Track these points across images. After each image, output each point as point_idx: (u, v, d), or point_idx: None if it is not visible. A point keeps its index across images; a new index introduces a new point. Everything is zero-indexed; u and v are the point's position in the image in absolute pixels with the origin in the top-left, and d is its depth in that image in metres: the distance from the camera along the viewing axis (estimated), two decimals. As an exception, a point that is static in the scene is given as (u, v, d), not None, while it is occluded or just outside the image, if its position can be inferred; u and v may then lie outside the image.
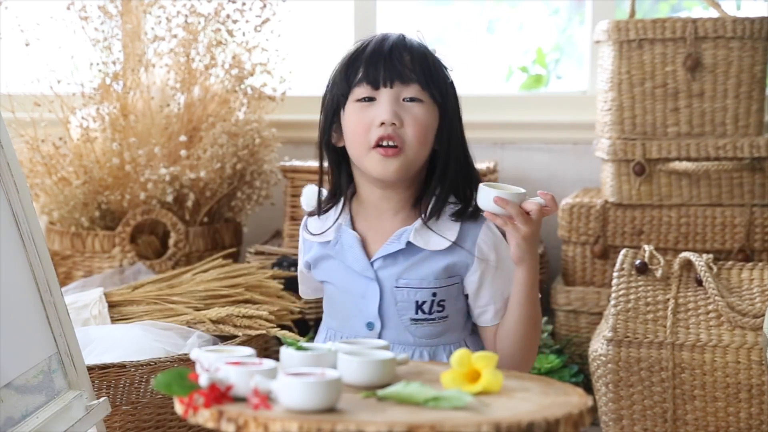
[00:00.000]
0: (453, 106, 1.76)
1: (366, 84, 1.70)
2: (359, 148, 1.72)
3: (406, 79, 1.70)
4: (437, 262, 1.73)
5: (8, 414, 1.59)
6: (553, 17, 3.56)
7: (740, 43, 2.75)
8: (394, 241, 1.74)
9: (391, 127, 1.69)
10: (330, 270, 1.80)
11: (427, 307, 1.74)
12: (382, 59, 1.69)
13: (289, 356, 1.36)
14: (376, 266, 1.75)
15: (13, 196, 1.72)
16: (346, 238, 1.77)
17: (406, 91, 1.70)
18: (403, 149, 1.70)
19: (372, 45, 1.72)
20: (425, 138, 1.71)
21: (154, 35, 2.90)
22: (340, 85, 1.73)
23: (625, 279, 2.42)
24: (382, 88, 1.70)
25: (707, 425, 2.33)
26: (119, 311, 2.45)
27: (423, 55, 1.72)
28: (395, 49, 1.70)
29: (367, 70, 1.70)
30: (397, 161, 1.70)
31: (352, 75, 1.71)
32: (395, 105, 1.69)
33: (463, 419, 1.18)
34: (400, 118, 1.69)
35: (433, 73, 1.72)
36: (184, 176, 2.86)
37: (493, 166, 3.02)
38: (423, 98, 1.71)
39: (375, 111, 1.70)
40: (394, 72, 1.69)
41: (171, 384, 1.26)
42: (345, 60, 1.74)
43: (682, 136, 2.79)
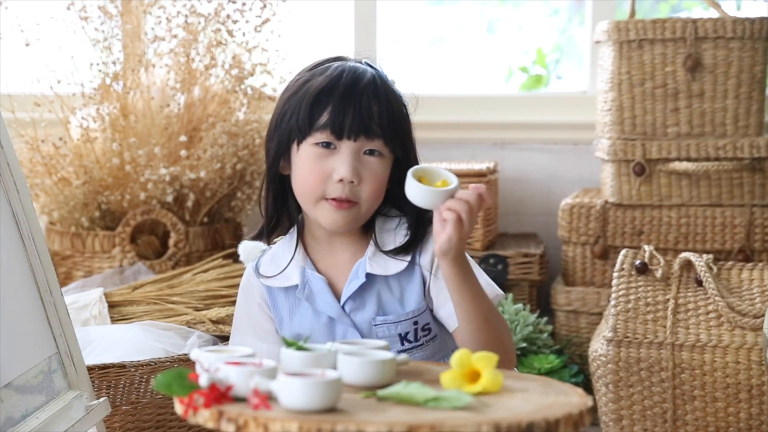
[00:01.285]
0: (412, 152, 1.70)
1: (330, 132, 1.62)
2: (310, 196, 1.65)
3: (372, 134, 1.63)
4: (408, 287, 1.68)
5: (8, 414, 1.59)
6: (553, 18, 3.56)
7: (740, 43, 2.75)
8: (354, 278, 1.68)
9: (348, 185, 1.62)
10: (305, 320, 1.71)
11: (412, 336, 1.68)
12: (351, 109, 1.61)
13: (289, 356, 1.36)
14: (348, 309, 1.69)
15: (13, 196, 1.72)
16: (313, 281, 1.70)
17: (369, 145, 1.64)
18: (357, 204, 1.64)
19: (342, 87, 1.63)
20: (381, 192, 1.66)
21: (154, 35, 2.90)
22: (301, 121, 1.64)
23: (625, 279, 2.42)
24: (346, 140, 1.62)
25: (707, 425, 2.33)
26: (119, 311, 2.45)
27: (389, 106, 1.65)
28: (365, 99, 1.62)
29: (333, 117, 1.62)
30: (349, 214, 1.64)
31: (316, 116, 1.63)
32: (355, 160, 1.62)
33: (463, 419, 1.18)
34: (359, 174, 1.63)
35: (397, 127, 1.65)
36: (184, 176, 2.86)
37: (493, 166, 3.02)
38: (383, 152, 1.64)
39: (334, 163, 1.62)
40: (361, 126, 1.62)
41: (171, 384, 1.26)
42: (311, 95, 1.64)
43: (682, 137, 2.79)
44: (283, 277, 1.72)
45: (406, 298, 1.68)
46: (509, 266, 2.93)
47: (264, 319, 1.76)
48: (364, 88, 1.63)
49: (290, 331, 1.73)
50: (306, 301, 1.70)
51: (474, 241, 2.94)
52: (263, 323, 1.76)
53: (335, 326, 1.69)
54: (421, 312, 1.68)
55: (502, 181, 3.21)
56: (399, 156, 1.67)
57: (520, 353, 2.73)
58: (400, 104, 1.69)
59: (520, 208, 3.28)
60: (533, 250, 2.96)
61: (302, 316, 1.72)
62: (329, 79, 1.64)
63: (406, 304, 1.68)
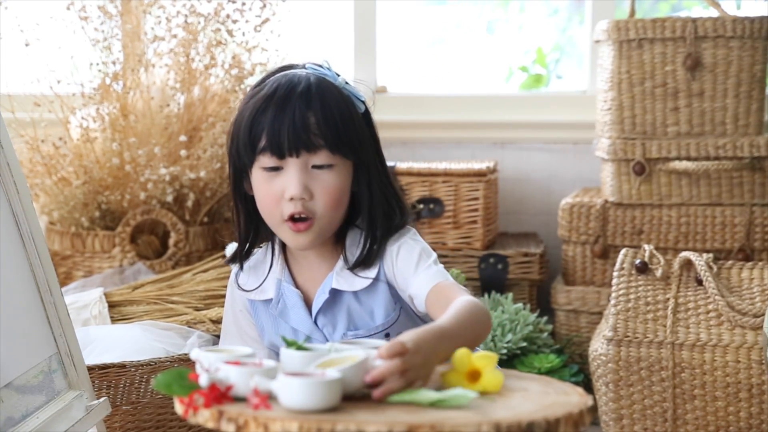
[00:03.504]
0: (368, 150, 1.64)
1: (270, 154, 1.57)
2: (271, 220, 1.63)
3: (313, 147, 1.57)
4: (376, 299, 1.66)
5: (8, 414, 1.59)
6: (553, 17, 3.56)
7: (740, 42, 2.75)
8: (321, 294, 1.65)
9: (300, 201, 1.58)
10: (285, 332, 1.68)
11: None
12: (284, 127, 1.56)
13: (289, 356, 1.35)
14: (320, 324, 1.67)
15: (13, 196, 1.72)
16: (288, 295, 1.68)
17: (315, 159, 1.58)
18: (314, 220, 1.60)
19: (274, 105, 1.57)
20: (339, 202, 1.61)
21: (154, 35, 2.90)
22: (243, 149, 1.60)
23: (625, 278, 2.42)
24: (288, 158, 1.58)
25: (707, 425, 2.33)
26: (119, 311, 2.45)
27: (328, 112, 1.58)
28: (298, 113, 1.56)
29: (270, 139, 1.57)
30: (309, 234, 1.61)
31: (256, 140, 1.58)
32: (303, 176, 1.58)
33: (463, 419, 1.18)
34: (310, 190, 1.59)
35: (341, 132, 1.58)
36: (184, 176, 2.86)
37: (493, 166, 3.02)
38: (333, 161, 1.59)
39: (283, 182, 1.58)
40: (299, 141, 1.56)
41: (171, 384, 1.26)
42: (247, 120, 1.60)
43: (682, 136, 2.79)
44: (261, 291, 1.71)
45: (375, 312, 1.65)
46: (509, 266, 2.93)
47: (248, 325, 1.75)
48: (297, 100, 1.57)
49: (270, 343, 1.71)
50: (279, 317, 1.68)
51: (474, 241, 2.95)
52: (248, 329, 1.75)
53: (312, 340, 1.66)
54: (392, 323, 1.65)
55: (502, 181, 3.21)
56: (356, 160, 1.63)
57: (521, 353, 2.73)
58: (345, 107, 1.61)
59: (520, 207, 3.28)
60: (533, 250, 2.96)
61: (282, 329, 1.70)
62: (262, 99, 1.60)
63: (376, 318, 1.65)
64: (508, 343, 2.71)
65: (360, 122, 1.63)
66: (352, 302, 1.66)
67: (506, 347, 2.70)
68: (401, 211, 1.68)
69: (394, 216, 1.66)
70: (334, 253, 1.68)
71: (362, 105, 1.66)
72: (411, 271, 1.62)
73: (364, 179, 1.64)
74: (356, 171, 1.63)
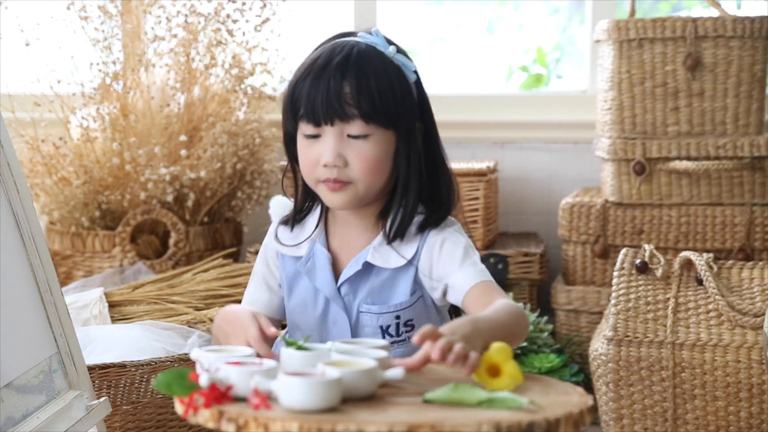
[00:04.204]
0: (410, 120, 1.65)
1: (308, 122, 1.61)
2: (310, 181, 1.66)
3: (347, 117, 1.59)
4: (399, 281, 1.67)
5: (9, 414, 1.59)
6: (553, 17, 3.56)
7: (740, 42, 2.75)
8: (354, 264, 1.67)
9: (334, 169, 1.61)
10: (301, 293, 1.71)
11: (393, 330, 1.67)
12: (319, 96, 1.59)
13: (289, 356, 1.35)
14: (343, 291, 1.68)
15: (14, 196, 1.72)
16: (318, 256, 1.70)
17: (349, 128, 1.60)
18: (350, 184, 1.62)
19: (312, 74, 1.60)
20: (376, 171, 1.62)
21: (154, 35, 2.90)
22: (287, 116, 1.65)
23: (625, 278, 2.42)
24: (324, 126, 1.60)
25: (707, 424, 2.33)
26: (119, 311, 2.45)
27: (365, 82, 1.59)
28: (333, 83, 1.58)
29: (306, 108, 1.60)
30: (345, 194, 1.63)
31: (296, 108, 1.62)
32: (339, 144, 1.60)
33: (463, 419, 1.18)
34: (344, 158, 1.61)
35: (377, 102, 1.60)
36: (184, 176, 2.86)
37: (493, 166, 3.02)
38: (369, 131, 1.60)
39: (319, 149, 1.61)
40: (332, 111, 1.59)
41: (171, 384, 1.26)
42: (291, 83, 1.64)
43: (682, 136, 2.79)
44: (295, 247, 1.73)
45: (396, 292, 1.67)
46: (509, 265, 2.93)
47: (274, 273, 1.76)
48: (333, 69, 1.60)
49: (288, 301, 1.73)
50: (305, 274, 1.70)
51: (474, 241, 2.93)
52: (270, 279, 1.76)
53: (329, 306, 1.69)
54: (405, 308, 1.67)
55: (502, 181, 3.21)
56: (398, 129, 1.64)
57: (521, 352, 2.73)
58: (386, 76, 1.62)
59: (521, 207, 3.28)
60: (533, 250, 2.96)
61: (302, 288, 1.72)
62: (306, 66, 1.64)
63: (394, 297, 1.67)
64: (509, 342, 2.70)
65: (405, 93, 1.64)
66: (378, 278, 1.67)
67: (506, 347, 2.70)
68: (447, 191, 1.70)
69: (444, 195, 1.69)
70: (375, 227, 1.69)
71: (413, 75, 1.67)
72: (456, 263, 1.64)
73: (404, 150, 1.65)
74: (398, 141, 1.64)
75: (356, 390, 1.27)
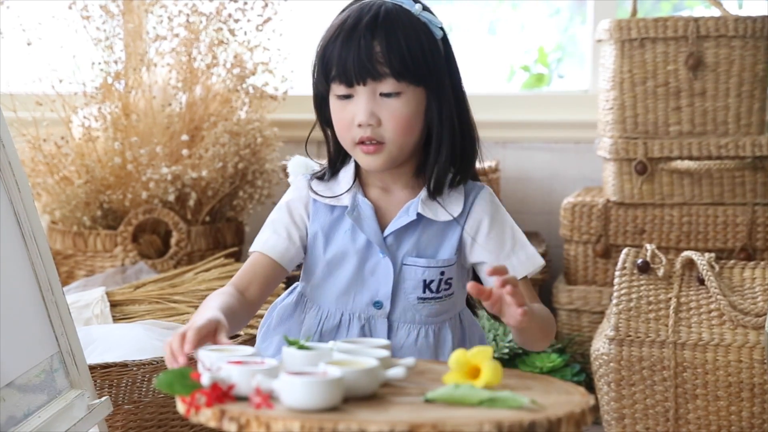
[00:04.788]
0: (440, 77, 1.67)
1: (339, 82, 1.63)
2: (345, 143, 1.68)
3: (379, 76, 1.62)
4: (446, 238, 1.69)
5: (10, 413, 1.59)
6: (555, 17, 3.56)
7: (742, 42, 2.74)
8: (403, 215, 1.68)
9: (368, 128, 1.63)
10: (341, 243, 1.71)
11: (435, 286, 1.68)
12: (351, 56, 1.61)
13: (290, 355, 1.35)
14: (389, 241, 1.69)
15: (15, 196, 1.72)
16: (363, 207, 1.70)
17: (382, 86, 1.62)
18: (384, 145, 1.65)
19: (343, 34, 1.63)
20: (408, 129, 1.65)
21: (156, 34, 2.91)
22: (318, 77, 1.67)
23: (627, 278, 2.42)
24: (356, 86, 1.63)
25: (709, 424, 2.33)
26: (121, 310, 2.45)
27: (395, 40, 1.62)
28: (363, 42, 1.61)
29: (338, 68, 1.62)
30: (380, 157, 1.65)
31: (328, 69, 1.64)
32: (371, 103, 1.63)
33: (465, 418, 1.18)
34: (377, 117, 1.63)
35: (407, 60, 1.62)
36: (185, 175, 2.86)
37: (494, 165, 3.02)
38: (400, 89, 1.63)
39: (353, 109, 1.64)
40: (364, 71, 1.61)
41: (173, 383, 1.26)
42: (321, 46, 1.66)
43: (683, 135, 2.79)
44: (335, 198, 1.73)
45: (443, 248, 1.69)
46: (511, 265, 2.92)
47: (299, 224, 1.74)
48: (363, 29, 1.62)
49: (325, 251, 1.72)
50: (354, 221, 1.70)
51: (476, 240, 2.94)
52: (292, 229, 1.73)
53: (369, 254, 1.69)
54: (450, 265, 1.69)
55: (503, 180, 3.21)
56: (428, 85, 1.66)
57: (522, 352, 2.73)
58: (414, 34, 1.65)
59: (522, 206, 3.28)
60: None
61: (339, 236, 1.71)
62: (335, 27, 1.66)
63: (440, 253, 1.69)
64: (510, 342, 2.71)
65: (433, 49, 1.67)
66: (424, 231, 1.69)
67: (508, 347, 2.70)
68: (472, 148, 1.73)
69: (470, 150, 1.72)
70: (412, 184, 1.71)
71: (440, 31, 1.70)
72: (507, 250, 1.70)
73: (435, 106, 1.67)
74: (429, 98, 1.67)
75: (358, 389, 1.27)
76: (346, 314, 1.70)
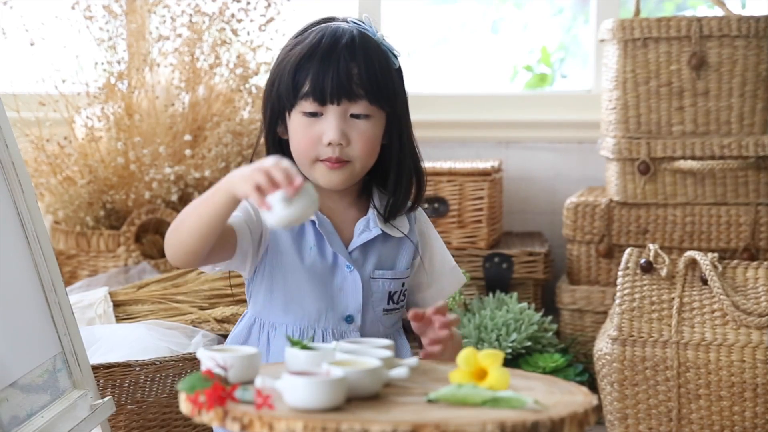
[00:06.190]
0: (401, 104, 1.72)
1: (312, 100, 1.65)
2: (305, 159, 1.69)
3: (354, 97, 1.65)
4: (401, 251, 1.74)
5: (13, 413, 1.59)
6: (558, 16, 3.56)
7: (745, 41, 2.74)
8: (365, 230, 1.72)
9: (338, 147, 1.66)
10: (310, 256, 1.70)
11: (397, 297, 1.73)
12: (329, 74, 1.64)
13: (293, 356, 1.35)
14: (354, 256, 1.71)
15: (18, 196, 1.72)
16: (325, 223, 1.71)
17: (354, 108, 1.66)
18: (350, 162, 1.68)
19: (320, 53, 1.65)
20: (373, 150, 1.69)
21: (159, 34, 2.91)
22: (286, 91, 1.68)
23: (630, 278, 2.42)
24: (329, 105, 1.65)
25: (712, 424, 2.33)
26: (124, 310, 2.45)
27: (369, 65, 1.66)
28: (343, 62, 1.65)
29: (314, 86, 1.65)
30: (343, 173, 1.68)
31: (299, 85, 1.66)
32: (342, 123, 1.66)
33: (468, 418, 1.18)
34: (347, 137, 1.66)
35: (380, 85, 1.67)
36: (188, 175, 2.86)
37: (497, 165, 3.02)
38: (370, 112, 1.67)
39: (322, 127, 1.66)
40: (341, 90, 1.64)
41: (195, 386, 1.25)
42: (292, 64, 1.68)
43: (687, 135, 2.79)
44: None
45: (399, 261, 1.74)
46: (514, 265, 2.93)
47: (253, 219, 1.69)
48: (342, 51, 1.66)
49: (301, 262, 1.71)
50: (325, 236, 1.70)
51: (479, 240, 2.94)
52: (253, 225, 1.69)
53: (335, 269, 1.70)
54: (407, 276, 1.75)
55: (506, 180, 3.21)
56: (389, 111, 1.70)
57: (525, 352, 2.73)
58: (384, 60, 1.69)
59: (525, 206, 3.28)
60: (538, 249, 2.96)
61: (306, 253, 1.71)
62: (309, 46, 1.68)
63: (398, 265, 1.74)
64: (513, 342, 2.70)
65: (395, 77, 1.72)
66: (384, 246, 1.73)
67: (511, 346, 2.70)
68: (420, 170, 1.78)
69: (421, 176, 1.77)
70: (360, 203, 1.75)
71: (397, 61, 1.73)
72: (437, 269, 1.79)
73: (396, 131, 1.72)
74: (389, 123, 1.71)
75: (361, 389, 1.27)
76: (319, 330, 1.70)
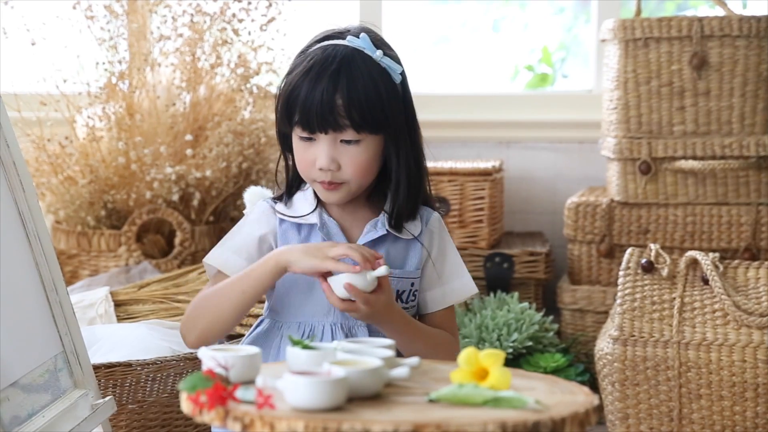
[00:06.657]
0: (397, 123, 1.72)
1: (303, 129, 1.70)
2: (306, 178, 1.75)
3: (339, 127, 1.68)
4: (410, 253, 1.76)
5: (14, 413, 1.59)
6: (559, 16, 3.56)
7: (746, 41, 2.74)
8: (371, 229, 1.75)
9: (329, 172, 1.69)
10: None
11: (406, 297, 1.75)
12: (314, 108, 1.67)
13: (294, 355, 1.35)
14: None
15: (19, 196, 1.72)
16: (330, 225, 1.76)
17: (343, 135, 1.69)
18: (345, 183, 1.71)
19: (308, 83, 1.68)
20: (367, 171, 1.72)
21: (160, 34, 2.91)
22: (282, 118, 1.74)
23: (631, 278, 2.42)
24: (318, 133, 1.69)
25: (713, 424, 2.33)
26: (125, 310, 2.45)
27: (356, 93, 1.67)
28: (326, 95, 1.66)
29: (301, 117, 1.69)
30: (339, 193, 1.72)
31: (291, 114, 1.71)
32: (332, 149, 1.69)
33: (469, 418, 1.18)
34: (338, 162, 1.69)
35: (366, 112, 1.68)
36: (189, 175, 2.86)
37: (498, 165, 3.02)
38: (360, 138, 1.69)
39: (315, 151, 1.70)
40: (325, 122, 1.67)
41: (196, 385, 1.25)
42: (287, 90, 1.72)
43: (688, 135, 2.79)
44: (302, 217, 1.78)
45: (408, 261, 1.76)
46: (515, 265, 2.93)
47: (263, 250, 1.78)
48: (325, 82, 1.67)
49: None
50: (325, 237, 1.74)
51: (480, 240, 2.94)
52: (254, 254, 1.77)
53: None
54: (416, 277, 1.76)
55: (507, 180, 3.21)
56: (388, 132, 1.71)
57: (526, 352, 2.73)
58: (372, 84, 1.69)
59: (526, 206, 3.28)
60: (539, 249, 2.96)
61: None
62: (300, 74, 1.70)
63: (407, 266, 1.76)
64: (514, 342, 2.70)
65: (391, 97, 1.72)
66: (392, 247, 1.76)
67: (512, 346, 2.70)
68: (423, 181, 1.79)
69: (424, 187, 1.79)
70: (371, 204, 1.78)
71: (399, 76, 1.74)
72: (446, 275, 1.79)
73: (393, 150, 1.73)
74: (387, 142, 1.73)
75: (362, 389, 1.27)
76: (328, 326, 1.73)
